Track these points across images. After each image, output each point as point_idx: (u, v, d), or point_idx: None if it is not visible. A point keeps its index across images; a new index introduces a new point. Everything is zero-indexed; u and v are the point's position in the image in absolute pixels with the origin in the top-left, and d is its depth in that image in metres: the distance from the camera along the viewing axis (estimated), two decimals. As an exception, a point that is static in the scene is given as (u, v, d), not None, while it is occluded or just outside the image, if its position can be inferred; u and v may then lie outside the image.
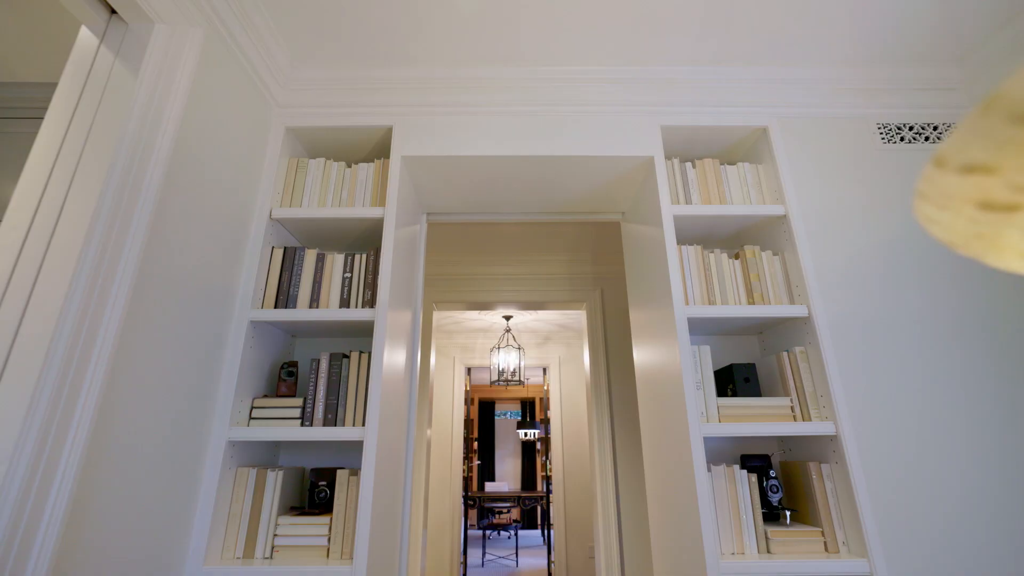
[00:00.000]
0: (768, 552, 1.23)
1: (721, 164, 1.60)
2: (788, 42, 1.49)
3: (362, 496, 1.20)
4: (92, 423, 0.85)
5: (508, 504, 6.45)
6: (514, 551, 6.53)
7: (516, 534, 6.48)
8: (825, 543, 1.24)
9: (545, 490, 7.02)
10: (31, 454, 0.75)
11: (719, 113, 1.57)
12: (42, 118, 1.53)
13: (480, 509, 6.70)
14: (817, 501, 1.28)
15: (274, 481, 1.29)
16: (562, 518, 4.94)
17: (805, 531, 1.25)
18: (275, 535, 1.25)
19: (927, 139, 1.57)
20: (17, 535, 0.72)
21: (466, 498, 5.82)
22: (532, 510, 8.16)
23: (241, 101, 1.35)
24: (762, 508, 1.34)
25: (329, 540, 1.25)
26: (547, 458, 6.86)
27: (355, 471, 1.31)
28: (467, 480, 6.97)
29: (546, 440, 7.17)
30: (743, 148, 1.68)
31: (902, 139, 1.56)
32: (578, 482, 5.10)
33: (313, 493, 1.36)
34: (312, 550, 1.24)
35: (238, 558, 1.21)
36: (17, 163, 1.55)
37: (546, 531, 5.62)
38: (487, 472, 8.56)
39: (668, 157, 1.72)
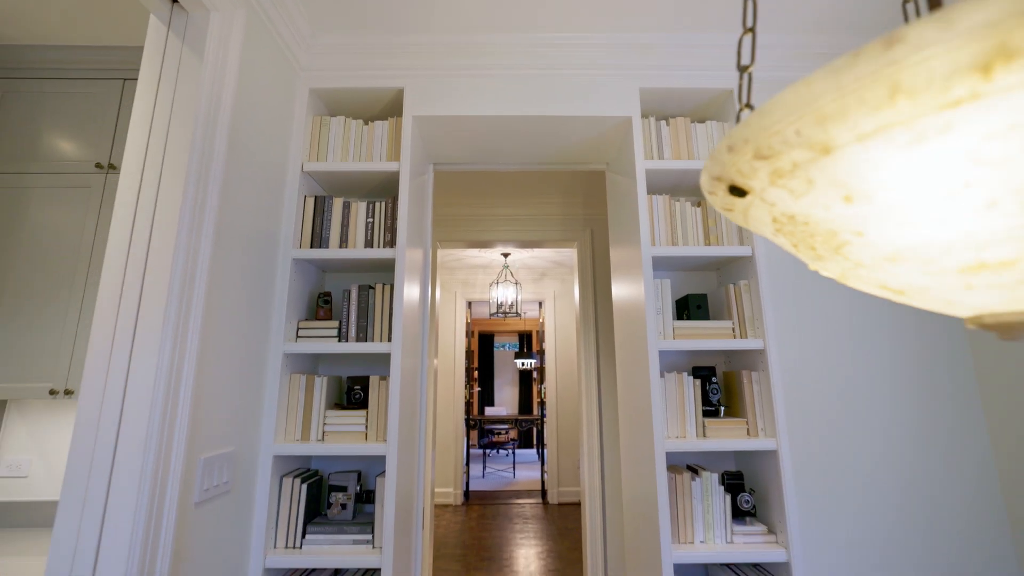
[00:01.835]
0: (704, 436, 1.61)
1: (692, 122, 1.82)
2: (760, 11, 1.66)
3: (391, 393, 1.56)
4: (200, 335, 1.16)
5: (506, 426, 7.06)
6: (511, 466, 7.24)
7: (513, 451, 7.16)
8: (748, 429, 1.61)
9: (540, 414, 7.64)
10: (169, 354, 1.07)
11: (691, 76, 1.78)
12: (94, 79, 1.74)
13: (480, 430, 7.34)
14: (746, 400, 1.64)
15: (321, 384, 1.64)
16: (554, 437, 5.50)
17: (734, 421, 1.62)
18: (324, 423, 1.61)
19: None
20: (168, 402, 1.06)
21: (468, 421, 6.40)
22: (528, 432, 8.89)
23: (274, 68, 1.56)
24: (704, 406, 1.70)
25: (366, 428, 1.62)
26: (542, 385, 7.41)
27: (384, 377, 1.66)
28: (468, 405, 7.58)
29: (541, 369, 7.70)
30: (712, 108, 1.90)
31: (851, 100, 1.79)
32: (569, 406, 5.62)
33: (350, 395, 1.72)
34: (353, 434, 1.61)
35: (297, 439, 1.58)
36: (76, 120, 1.77)
37: (540, 450, 6.23)
38: (487, 398, 9.22)
39: (645, 115, 1.94)
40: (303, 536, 1.52)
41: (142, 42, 1.78)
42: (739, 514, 1.61)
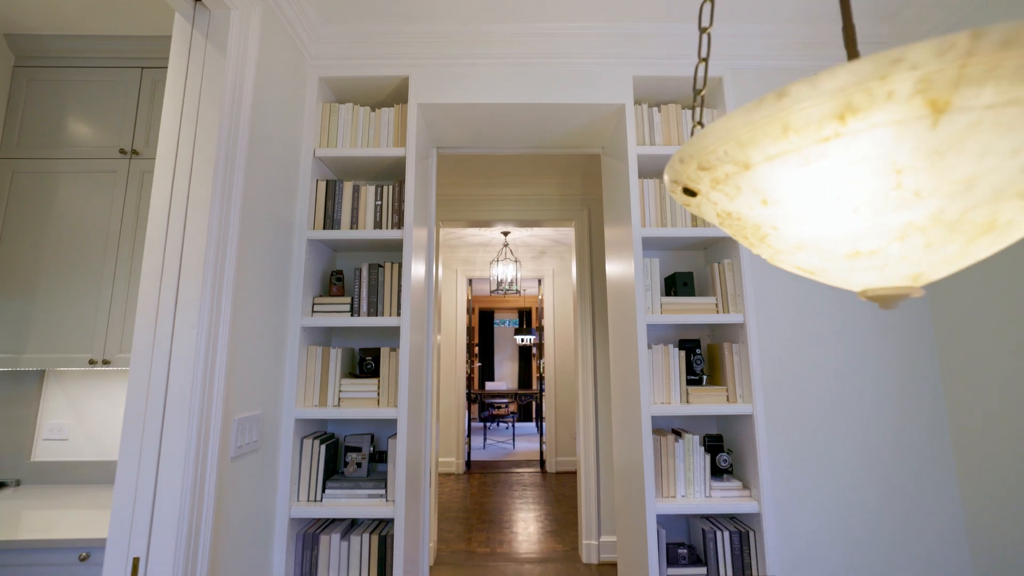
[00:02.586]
0: (687, 402, 1.76)
1: (683, 109, 1.92)
2: (752, 2, 1.74)
3: (401, 363, 1.70)
4: (231, 309, 1.29)
5: (506, 400, 7.27)
6: (511, 438, 7.49)
7: (513, 424, 7.38)
8: (727, 396, 1.76)
9: (539, 388, 7.85)
10: (207, 325, 1.20)
11: (683, 64, 1.87)
12: (114, 67, 1.82)
13: (481, 404, 7.56)
14: (726, 369, 1.79)
15: (336, 356, 1.78)
16: (552, 410, 5.69)
17: (715, 388, 1.76)
18: (340, 391, 1.76)
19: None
20: (207, 369, 1.20)
21: (469, 395, 6.60)
22: (527, 405, 9.13)
23: (287, 59, 1.65)
24: (689, 375, 1.85)
25: (378, 394, 1.76)
26: (541, 360, 7.60)
27: (393, 349, 1.79)
28: (469, 380, 7.78)
29: (540, 345, 7.88)
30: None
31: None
32: (567, 380, 5.79)
33: (362, 364, 1.86)
34: (366, 400, 1.76)
35: (315, 404, 1.73)
36: (98, 107, 1.86)
37: (539, 423, 6.44)
38: (487, 373, 9.44)
39: (639, 102, 2.03)
40: (323, 491, 1.68)
41: (158, 32, 1.85)
42: (717, 472, 1.77)
